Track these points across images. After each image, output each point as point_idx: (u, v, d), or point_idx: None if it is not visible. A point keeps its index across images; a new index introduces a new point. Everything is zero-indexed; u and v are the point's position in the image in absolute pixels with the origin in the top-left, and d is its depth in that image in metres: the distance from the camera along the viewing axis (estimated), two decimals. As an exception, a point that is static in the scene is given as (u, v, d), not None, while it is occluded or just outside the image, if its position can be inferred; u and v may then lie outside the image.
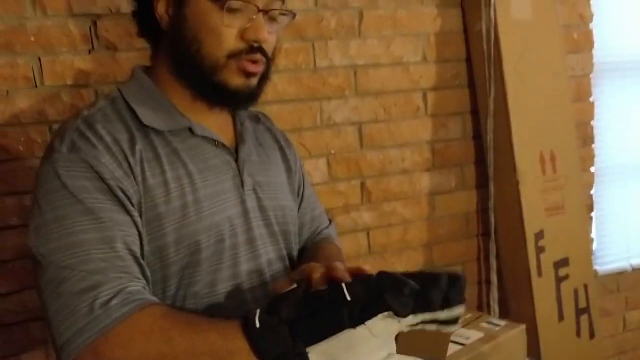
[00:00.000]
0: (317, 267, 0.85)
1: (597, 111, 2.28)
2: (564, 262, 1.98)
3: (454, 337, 1.63)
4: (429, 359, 0.91)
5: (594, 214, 2.31)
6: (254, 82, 1.00)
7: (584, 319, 2.02)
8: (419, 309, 0.76)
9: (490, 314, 2.01)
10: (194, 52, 0.96)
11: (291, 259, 1.14)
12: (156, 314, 0.84)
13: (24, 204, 1.51)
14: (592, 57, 2.24)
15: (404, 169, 1.97)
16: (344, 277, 0.81)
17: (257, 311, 0.78)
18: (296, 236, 1.18)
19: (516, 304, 2.02)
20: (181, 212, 0.94)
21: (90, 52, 1.55)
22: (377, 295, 0.75)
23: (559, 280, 1.97)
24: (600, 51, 2.26)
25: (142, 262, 0.90)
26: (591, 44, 2.23)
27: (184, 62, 0.98)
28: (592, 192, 2.30)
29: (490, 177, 2.01)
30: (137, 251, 0.90)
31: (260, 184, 1.07)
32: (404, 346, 1.13)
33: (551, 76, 2.00)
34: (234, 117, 1.12)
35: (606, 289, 2.36)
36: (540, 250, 1.93)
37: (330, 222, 1.31)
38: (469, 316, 1.79)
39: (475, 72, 2.02)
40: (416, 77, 1.96)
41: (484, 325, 1.72)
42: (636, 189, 2.44)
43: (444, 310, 0.76)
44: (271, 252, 1.07)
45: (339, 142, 1.87)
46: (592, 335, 2.04)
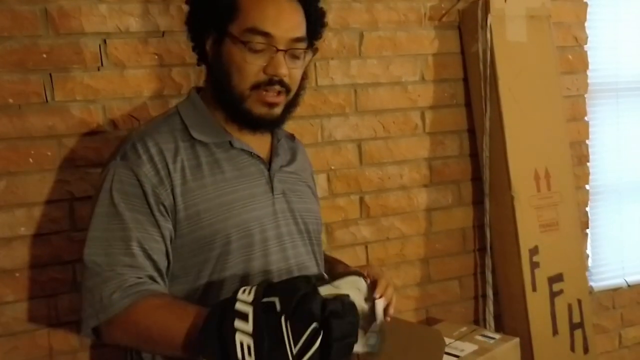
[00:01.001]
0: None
1: (592, 130, 2.32)
2: (558, 278, 2.02)
3: (448, 349, 1.67)
4: None
5: (589, 231, 2.35)
6: (277, 110, 1.18)
7: (578, 334, 2.05)
8: None
9: (485, 327, 2.04)
10: (226, 84, 1.16)
11: (318, 255, 1.31)
12: (146, 304, 1.05)
13: (33, 214, 1.56)
14: (586, 78, 2.29)
15: (402, 185, 2.02)
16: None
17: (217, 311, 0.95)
18: (321, 240, 1.35)
19: (511, 318, 2.05)
20: (217, 210, 1.14)
21: (99, 69, 1.61)
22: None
23: (553, 295, 2.00)
24: (595, 72, 2.31)
25: (153, 257, 1.10)
26: (586, 65, 2.29)
27: (219, 91, 1.19)
28: (588, 209, 2.34)
29: (485, 193, 2.05)
30: (152, 247, 1.10)
31: (289, 190, 1.26)
32: (399, 356, 1.18)
33: (545, 96, 2.05)
34: (272, 134, 1.30)
35: (601, 305, 2.39)
36: (534, 265, 1.97)
37: None
38: (464, 329, 1.83)
39: (471, 91, 2.07)
40: (414, 96, 2.01)
41: (479, 338, 1.76)
42: (631, 207, 2.48)
43: None
44: (299, 247, 1.24)
45: (339, 158, 1.92)
46: (585, 350, 2.07)
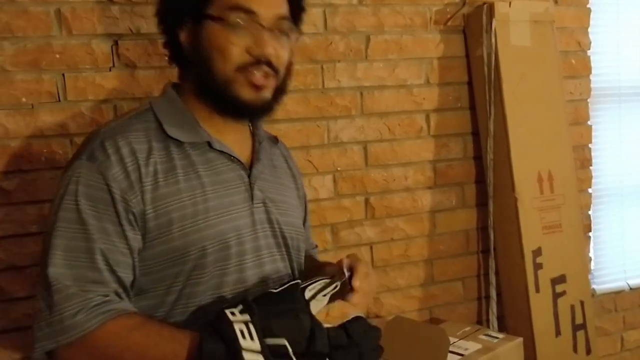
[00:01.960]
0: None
1: (594, 134, 2.34)
2: (561, 279, 2.03)
3: (452, 348, 1.69)
4: None
5: (591, 234, 2.37)
6: (266, 94, 1.09)
7: (581, 335, 2.07)
8: None
9: (489, 328, 2.06)
10: (208, 70, 1.06)
11: (298, 271, 1.21)
12: (117, 325, 0.95)
13: (44, 212, 1.58)
14: (589, 83, 2.31)
15: (407, 186, 2.04)
16: None
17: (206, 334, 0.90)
18: (302, 252, 1.24)
19: (514, 319, 2.07)
20: (191, 219, 1.03)
21: (110, 69, 1.63)
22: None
23: (556, 296, 2.02)
24: (597, 77, 2.34)
25: (119, 272, 1.00)
26: (589, 70, 2.31)
27: (202, 80, 1.09)
28: (590, 212, 2.36)
29: (489, 195, 2.07)
30: (118, 260, 1.00)
31: (270, 200, 1.15)
32: (403, 354, 1.20)
33: (549, 100, 2.07)
34: (254, 136, 1.21)
35: (604, 308, 2.41)
36: (537, 266, 1.99)
37: (315, 246, 1.48)
38: (467, 329, 1.85)
39: (475, 94, 2.09)
40: (419, 99, 2.04)
41: (482, 337, 1.77)
42: (633, 210, 2.50)
43: None
44: (278, 261, 1.14)
45: (344, 160, 1.94)
46: (588, 351, 2.09)
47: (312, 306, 0.93)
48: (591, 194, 2.36)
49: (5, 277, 1.56)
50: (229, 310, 0.91)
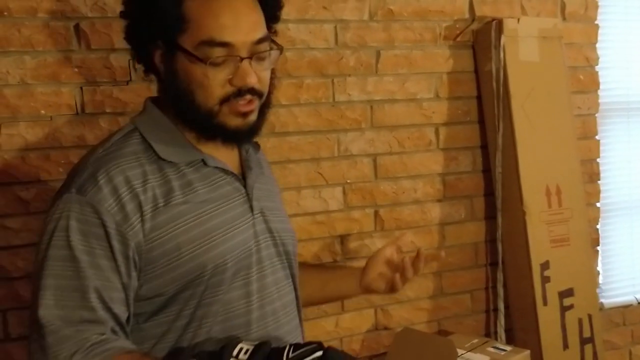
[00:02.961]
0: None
1: (603, 149, 2.35)
2: (569, 292, 2.04)
3: (460, 360, 1.71)
4: None
5: (600, 248, 2.38)
6: (252, 118, 1.07)
7: (588, 348, 2.07)
8: None
9: (497, 340, 2.07)
10: (189, 103, 1.03)
11: (295, 278, 1.22)
12: None
13: (61, 221, 1.62)
14: (597, 97, 2.33)
15: (416, 199, 2.06)
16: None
17: None
18: (297, 256, 1.25)
19: (522, 332, 2.08)
20: (199, 240, 1.02)
21: (128, 82, 1.67)
22: None
23: (564, 309, 2.03)
24: (606, 92, 2.35)
25: (114, 309, 0.96)
26: (597, 85, 2.32)
27: (183, 110, 1.05)
28: (598, 226, 2.36)
29: (498, 208, 2.09)
30: (112, 297, 0.96)
31: (266, 208, 1.15)
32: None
33: (557, 114, 2.09)
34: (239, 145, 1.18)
35: (612, 322, 2.40)
36: (545, 279, 2.00)
37: None
38: (475, 341, 1.86)
39: (484, 109, 2.11)
40: (429, 113, 2.06)
41: (490, 349, 1.79)
42: (642, 225, 2.51)
43: None
44: (279, 271, 1.16)
45: (354, 172, 1.97)
46: (596, 364, 2.10)
47: None
48: (599, 207, 2.36)
49: (22, 284, 1.59)
50: (236, 348, 0.89)
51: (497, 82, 2.02)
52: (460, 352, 1.74)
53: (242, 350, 0.87)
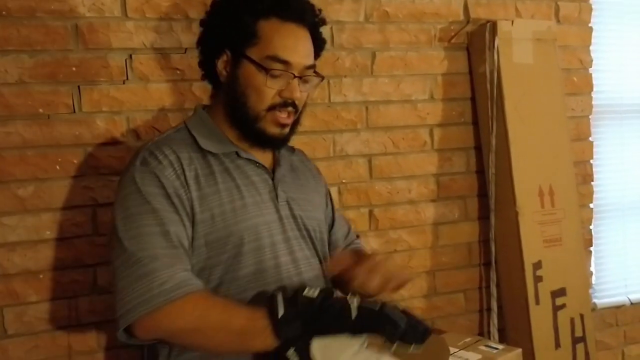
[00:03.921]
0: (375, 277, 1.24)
1: (596, 150, 2.38)
2: (561, 292, 2.06)
3: (452, 358, 1.71)
4: None
5: (593, 248, 2.39)
6: (286, 130, 1.29)
7: (580, 348, 2.09)
8: (400, 341, 1.05)
9: (490, 339, 2.08)
10: (242, 104, 1.25)
11: (322, 255, 1.38)
12: (199, 298, 1.11)
13: (57, 219, 1.63)
14: (591, 99, 2.35)
15: (410, 199, 2.08)
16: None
17: (279, 300, 1.07)
18: (325, 242, 1.43)
19: (514, 331, 2.10)
20: (230, 214, 1.22)
21: (124, 82, 1.69)
22: (377, 322, 1.03)
23: (556, 308, 2.05)
24: (599, 94, 2.38)
25: (188, 252, 1.17)
26: (590, 87, 2.35)
27: (234, 109, 1.27)
28: (591, 227, 2.38)
29: (491, 209, 2.11)
30: (185, 244, 1.17)
31: (292, 198, 1.33)
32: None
33: (550, 116, 2.11)
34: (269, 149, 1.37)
35: (605, 322, 2.43)
36: (537, 279, 2.02)
37: (357, 236, 1.63)
38: (468, 339, 1.87)
39: (478, 110, 2.13)
40: (423, 114, 2.08)
41: (482, 348, 1.79)
42: (634, 225, 2.53)
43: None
44: (305, 249, 1.32)
45: (349, 172, 1.99)
46: (587, 364, 2.11)
47: None
48: (593, 209, 2.38)
49: (19, 281, 1.61)
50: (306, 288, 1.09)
51: (491, 83, 2.04)
52: (452, 350, 1.75)
53: (311, 290, 1.08)
